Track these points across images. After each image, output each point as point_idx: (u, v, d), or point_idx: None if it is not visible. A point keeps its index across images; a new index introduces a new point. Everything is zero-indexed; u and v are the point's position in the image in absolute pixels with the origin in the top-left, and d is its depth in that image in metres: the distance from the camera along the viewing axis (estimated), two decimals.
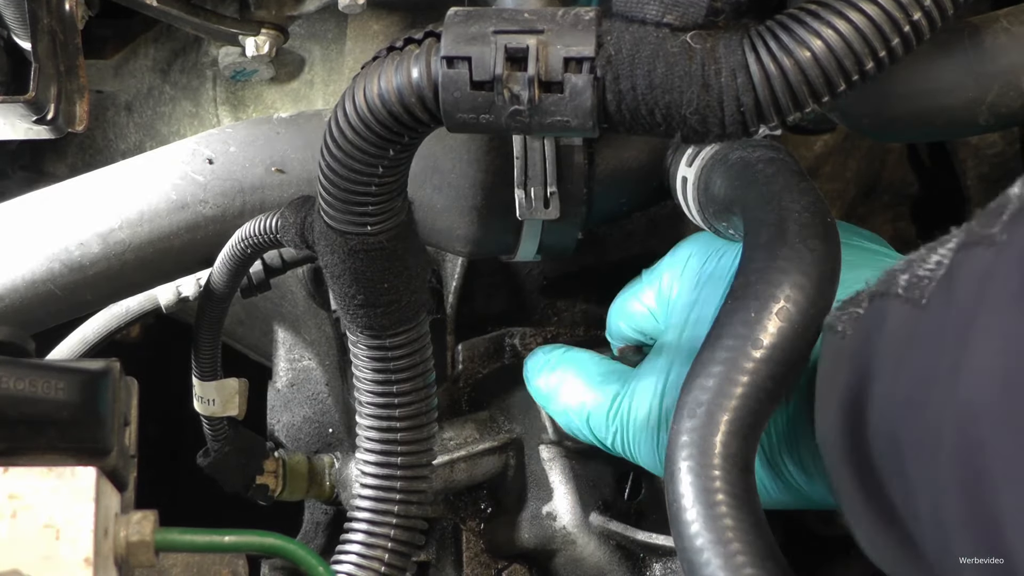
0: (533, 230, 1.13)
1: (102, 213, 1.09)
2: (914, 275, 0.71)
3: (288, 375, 1.40)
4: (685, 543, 0.80)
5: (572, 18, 0.81)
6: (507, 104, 0.80)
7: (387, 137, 0.85)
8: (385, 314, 0.98)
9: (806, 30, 0.79)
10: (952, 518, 0.62)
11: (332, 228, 0.93)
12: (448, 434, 1.23)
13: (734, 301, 0.86)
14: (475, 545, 1.26)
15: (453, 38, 0.81)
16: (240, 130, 1.12)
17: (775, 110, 0.80)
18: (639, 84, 0.80)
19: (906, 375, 0.70)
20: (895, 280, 0.73)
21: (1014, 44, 0.98)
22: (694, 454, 0.81)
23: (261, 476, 1.29)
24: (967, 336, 0.62)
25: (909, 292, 0.71)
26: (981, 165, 1.36)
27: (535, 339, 1.29)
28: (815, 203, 0.90)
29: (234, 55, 1.24)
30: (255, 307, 1.40)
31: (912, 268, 0.72)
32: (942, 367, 0.64)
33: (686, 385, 0.84)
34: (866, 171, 1.43)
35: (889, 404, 0.72)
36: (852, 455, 0.77)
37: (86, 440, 0.74)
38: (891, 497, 0.73)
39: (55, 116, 1.08)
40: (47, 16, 1.07)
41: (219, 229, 1.09)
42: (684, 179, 1.07)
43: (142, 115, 1.35)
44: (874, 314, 0.76)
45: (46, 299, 1.09)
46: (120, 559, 0.75)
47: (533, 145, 1.07)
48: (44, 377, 0.74)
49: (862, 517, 0.78)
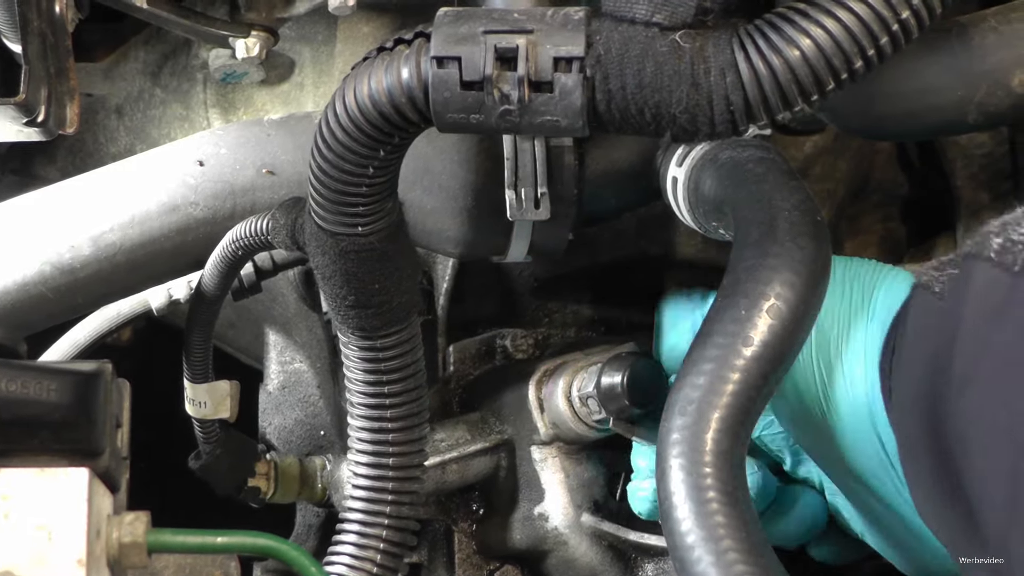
0: (524, 231, 1.13)
1: (93, 216, 1.09)
2: (1008, 239, 0.69)
3: (279, 378, 1.40)
4: (676, 540, 0.80)
5: (561, 18, 0.81)
6: (497, 104, 0.80)
7: (377, 138, 0.85)
8: (376, 315, 0.98)
9: (795, 29, 0.79)
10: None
11: (323, 229, 0.93)
12: (439, 435, 1.23)
13: (724, 299, 0.86)
14: (467, 546, 1.26)
15: (443, 38, 0.81)
16: (230, 132, 1.12)
17: (764, 109, 0.81)
18: (628, 83, 0.80)
19: (994, 350, 0.67)
20: (987, 243, 0.71)
21: (1002, 43, 0.98)
22: (685, 452, 0.81)
23: (253, 479, 1.29)
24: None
25: (1002, 256, 0.69)
26: (970, 165, 1.36)
27: (526, 340, 1.29)
28: (805, 202, 0.91)
29: (224, 57, 1.24)
30: (246, 310, 1.40)
31: (1006, 231, 0.70)
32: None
33: (677, 383, 0.85)
34: (856, 172, 1.43)
35: (971, 386, 0.69)
36: (929, 424, 0.75)
37: (78, 441, 0.74)
38: (961, 474, 0.72)
39: (46, 118, 1.08)
40: (37, 18, 1.07)
41: (210, 231, 1.09)
42: (674, 179, 1.07)
43: (132, 118, 1.35)
44: (964, 276, 0.74)
45: (37, 302, 1.09)
46: (112, 560, 0.75)
47: (523, 146, 1.08)
48: (36, 379, 0.74)
49: (930, 489, 0.77)
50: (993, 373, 0.66)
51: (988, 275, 0.70)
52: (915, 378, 0.78)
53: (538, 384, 1.22)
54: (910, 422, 0.79)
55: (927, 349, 0.77)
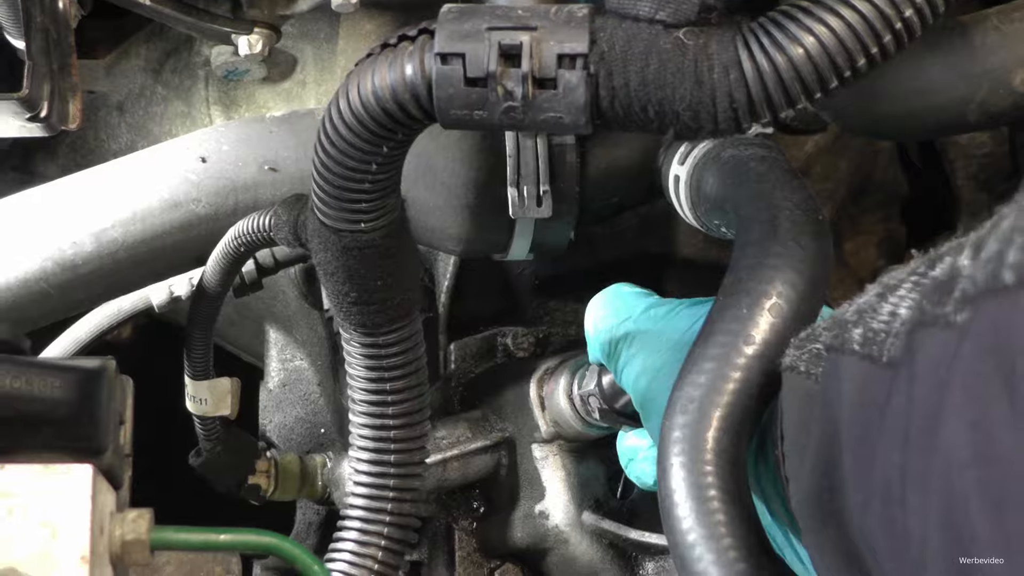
0: (525, 229, 1.13)
1: (95, 212, 1.09)
2: (868, 328, 0.67)
3: (280, 375, 1.40)
4: (677, 538, 0.80)
5: (565, 15, 0.81)
6: (501, 100, 0.80)
7: (381, 134, 0.85)
8: (378, 312, 0.98)
9: (799, 27, 0.79)
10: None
11: (325, 225, 0.93)
12: (441, 433, 1.23)
13: (726, 298, 0.86)
14: (468, 544, 1.26)
15: (447, 35, 0.81)
16: (233, 129, 1.13)
17: (768, 107, 0.81)
18: (632, 80, 0.80)
19: (880, 452, 0.65)
20: (848, 334, 0.69)
21: (1004, 43, 0.98)
22: (686, 449, 0.81)
23: (253, 476, 1.29)
24: (938, 418, 0.59)
25: (866, 348, 0.67)
26: (971, 165, 1.37)
27: (527, 339, 1.29)
28: (807, 200, 0.91)
29: (226, 55, 1.24)
30: (247, 308, 1.40)
31: (864, 320, 0.68)
32: (915, 446, 0.60)
33: (679, 381, 0.85)
34: (856, 171, 1.44)
35: (864, 491, 0.67)
36: (829, 531, 0.73)
37: (81, 438, 0.74)
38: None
39: (48, 114, 1.08)
40: (40, 14, 1.07)
41: (212, 228, 1.09)
42: (676, 177, 1.07)
43: (134, 115, 1.35)
44: (832, 371, 0.72)
45: (39, 298, 1.09)
46: (115, 557, 0.74)
47: (526, 143, 1.08)
48: (40, 375, 0.73)
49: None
50: (886, 488, 0.64)
51: (857, 369, 0.68)
52: (806, 473, 0.75)
53: (539, 382, 1.22)
54: (811, 515, 0.76)
55: (812, 442, 0.74)
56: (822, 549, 0.75)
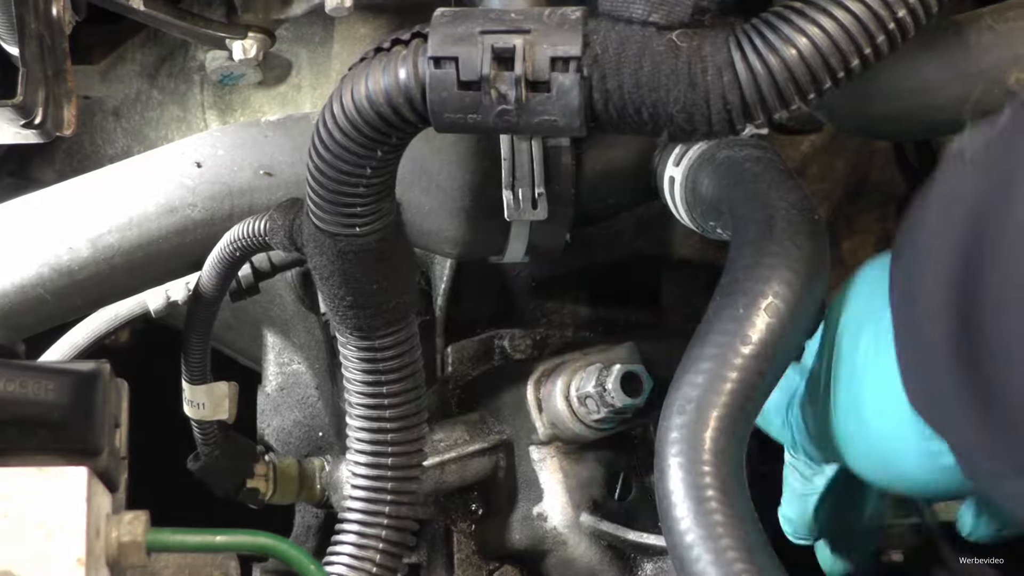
0: (521, 231, 1.13)
1: (91, 217, 1.09)
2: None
3: (277, 379, 1.40)
4: (676, 539, 0.80)
5: (558, 18, 0.81)
6: (494, 104, 0.80)
7: (375, 138, 0.85)
8: (374, 315, 0.98)
9: (792, 28, 0.79)
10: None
11: (321, 230, 0.93)
12: (438, 436, 1.23)
13: (723, 298, 0.86)
14: (466, 546, 1.26)
15: (440, 38, 0.81)
16: (228, 134, 1.13)
17: (761, 108, 0.81)
18: (626, 83, 0.80)
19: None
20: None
21: (998, 42, 0.98)
22: (684, 450, 0.82)
23: (251, 480, 1.29)
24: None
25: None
26: None
27: (524, 341, 1.29)
28: (802, 200, 0.91)
29: (221, 59, 1.24)
30: (244, 312, 1.40)
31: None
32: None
33: (675, 382, 0.85)
34: (853, 171, 1.43)
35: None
36: (959, 316, 0.69)
37: (77, 441, 0.74)
38: (998, 378, 0.66)
39: (43, 120, 1.08)
40: (34, 20, 1.07)
41: (208, 232, 1.09)
42: (671, 179, 1.08)
43: (130, 120, 1.35)
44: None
45: (36, 304, 1.09)
46: (112, 559, 0.74)
47: (520, 146, 1.08)
48: (35, 378, 0.74)
49: (946, 394, 0.71)
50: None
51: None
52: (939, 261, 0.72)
53: (536, 384, 1.22)
54: (921, 299, 0.73)
55: (953, 220, 0.70)
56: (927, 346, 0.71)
